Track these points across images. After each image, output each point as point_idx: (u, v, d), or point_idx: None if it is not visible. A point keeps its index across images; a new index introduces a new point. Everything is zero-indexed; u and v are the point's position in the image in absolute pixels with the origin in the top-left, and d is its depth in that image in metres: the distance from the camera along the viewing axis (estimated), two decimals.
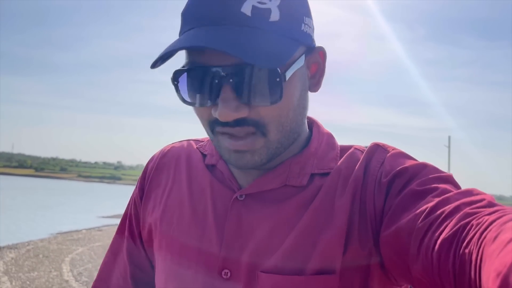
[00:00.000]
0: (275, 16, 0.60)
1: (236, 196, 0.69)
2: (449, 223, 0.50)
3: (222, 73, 0.59)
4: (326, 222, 0.64)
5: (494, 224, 0.45)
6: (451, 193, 0.55)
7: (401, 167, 0.64)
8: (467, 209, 0.51)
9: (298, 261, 0.63)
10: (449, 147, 19.97)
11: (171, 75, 0.65)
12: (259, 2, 0.60)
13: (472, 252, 0.45)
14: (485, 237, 0.44)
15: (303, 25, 0.64)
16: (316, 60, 0.69)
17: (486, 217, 0.47)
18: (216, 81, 0.60)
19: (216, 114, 0.61)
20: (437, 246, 0.50)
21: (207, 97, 0.62)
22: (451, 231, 0.49)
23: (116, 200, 44.32)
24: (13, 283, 7.69)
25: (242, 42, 0.57)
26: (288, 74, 0.62)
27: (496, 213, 0.47)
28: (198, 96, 0.63)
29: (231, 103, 0.60)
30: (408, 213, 0.57)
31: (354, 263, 0.63)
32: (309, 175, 0.69)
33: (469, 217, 0.49)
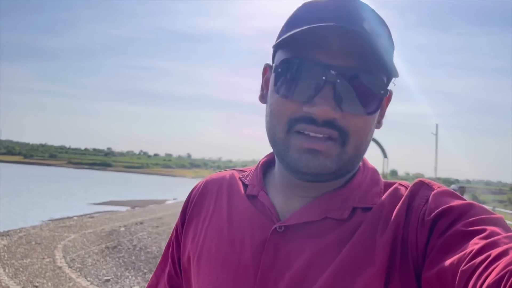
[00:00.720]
0: (384, 42, 0.65)
1: (275, 228, 0.68)
2: (496, 267, 0.48)
3: (332, 72, 0.61)
4: (366, 259, 0.63)
5: None
6: (499, 236, 0.53)
7: (446, 205, 0.61)
8: None
9: None
10: (436, 134, 20.22)
11: (274, 61, 0.67)
12: (373, 28, 0.64)
13: None
14: None
15: (394, 69, 0.66)
16: (383, 103, 0.71)
17: None
18: (323, 77, 0.61)
19: (311, 109, 0.62)
20: None
21: (306, 92, 0.63)
22: (497, 276, 0.47)
23: (107, 187, 44.20)
24: (6, 270, 7.76)
25: (366, 35, 0.61)
26: (386, 90, 0.65)
27: None
28: (296, 88, 0.63)
29: (330, 101, 0.61)
30: (452, 254, 0.54)
31: None
32: (351, 209, 0.68)
33: None
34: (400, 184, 0.71)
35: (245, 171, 0.82)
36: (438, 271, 0.55)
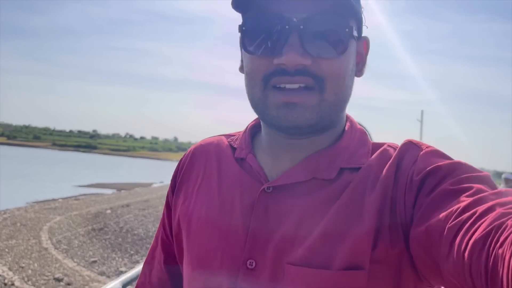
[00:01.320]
0: None
1: (264, 188, 0.69)
2: (483, 223, 0.49)
3: (294, 19, 0.62)
4: (355, 218, 0.63)
5: None
6: (485, 193, 0.54)
7: (434, 165, 0.62)
8: (501, 209, 0.49)
9: (326, 255, 0.62)
10: (421, 121, 20.42)
11: (240, 22, 0.68)
12: None
13: (505, 253, 0.43)
14: None
15: (360, 8, 0.68)
16: (360, 49, 0.72)
17: None
18: (287, 26, 0.62)
19: (280, 59, 0.62)
20: (469, 246, 0.48)
21: (273, 45, 0.64)
22: (484, 231, 0.47)
23: (92, 169, 43.84)
24: None
25: None
26: (353, 32, 0.66)
27: None
28: (263, 44, 0.65)
29: (298, 49, 0.62)
30: (439, 212, 0.55)
31: (384, 261, 0.62)
32: (338, 169, 0.68)
33: (504, 217, 0.47)
34: (389, 145, 0.71)
35: (233, 135, 0.82)
36: (426, 228, 0.56)
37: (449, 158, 0.65)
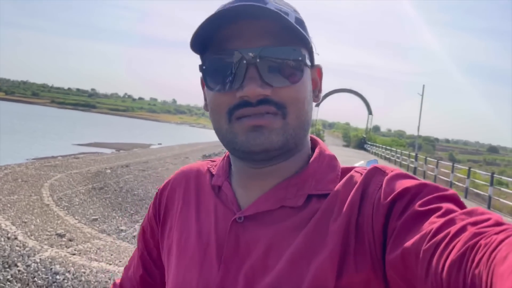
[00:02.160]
0: (292, 19, 0.69)
1: (235, 218, 0.71)
2: (456, 244, 0.50)
3: (250, 54, 0.66)
4: (319, 246, 0.65)
5: (503, 243, 0.45)
6: (455, 213, 0.55)
7: (401, 188, 0.63)
8: (473, 229, 0.50)
9: (293, 283, 0.64)
10: (422, 95, 20.37)
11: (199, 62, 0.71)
12: (279, 7, 0.69)
13: (482, 273, 0.44)
14: (494, 257, 0.44)
15: (310, 38, 0.72)
16: (314, 76, 0.76)
17: (495, 237, 0.47)
18: (244, 61, 0.66)
19: (242, 92, 0.66)
20: (446, 268, 0.49)
21: (233, 80, 0.67)
22: (459, 252, 0.48)
23: (91, 128, 43.81)
24: None
25: (273, 13, 0.65)
26: (306, 61, 0.70)
27: (504, 232, 0.48)
28: (224, 80, 0.68)
29: (257, 81, 0.66)
30: (412, 235, 0.56)
31: (349, 287, 0.63)
32: (305, 196, 0.70)
33: (477, 237, 0.49)
34: (356, 171, 0.73)
35: (214, 161, 0.85)
36: (401, 252, 0.56)
37: (415, 179, 0.65)
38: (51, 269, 5.30)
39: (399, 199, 0.62)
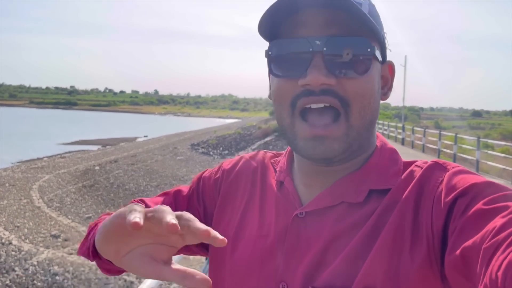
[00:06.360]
0: (365, 9, 0.67)
1: (297, 214, 0.72)
2: None
3: (317, 42, 0.65)
4: (374, 243, 0.65)
5: None
6: None
7: (465, 186, 0.61)
8: None
9: (347, 279, 0.64)
10: (405, 66, 20.45)
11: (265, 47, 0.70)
12: None
13: None
14: None
15: (383, 32, 0.70)
16: (385, 73, 0.74)
17: None
18: (310, 49, 0.65)
19: (305, 80, 0.65)
20: (503, 267, 0.47)
21: (298, 67, 0.66)
22: None
23: (74, 126, 43.21)
24: None
25: (344, 2, 0.63)
26: (376, 53, 0.67)
27: None
28: (289, 67, 0.68)
29: (322, 69, 0.64)
30: (474, 233, 0.54)
31: (406, 284, 0.62)
32: (367, 192, 0.69)
33: None
34: (416, 165, 0.71)
35: (277, 157, 0.85)
36: (462, 251, 0.55)
37: (477, 176, 0.64)
38: (50, 270, 5.25)
39: (462, 196, 0.60)
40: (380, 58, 0.70)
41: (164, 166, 14.47)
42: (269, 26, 0.69)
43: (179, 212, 0.53)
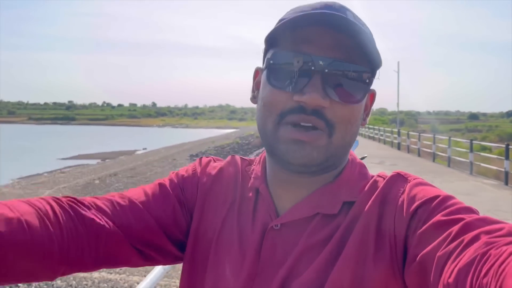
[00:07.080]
0: (370, 38, 0.68)
1: (272, 226, 0.72)
2: (468, 251, 0.51)
3: (320, 62, 0.65)
4: (339, 253, 0.67)
5: None
6: (471, 220, 0.56)
7: (425, 197, 0.64)
8: (486, 238, 0.51)
9: None
10: (398, 72, 20.61)
11: (267, 55, 0.71)
12: (361, 22, 0.69)
13: (490, 283, 0.45)
14: (504, 269, 0.45)
15: (381, 64, 0.71)
16: (367, 101, 0.75)
17: (505, 248, 0.48)
18: (312, 67, 0.65)
19: (301, 98, 0.65)
20: (454, 274, 0.50)
21: (296, 82, 0.66)
22: (468, 260, 0.49)
23: (73, 141, 43.21)
24: None
25: (352, 27, 0.64)
26: (371, 85, 0.69)
27: None
28: (287, 79, 0.67)
29: (319, 90, 0.65)
30: (431, 242, 0.57)
31: None
32: (341, 204, 0.71)
33: (488, 246, 0.50)
34: (379, 176, 0.74)
35: (251, 163, 0.84)
36: (419, 260, 0.58)
37: (436, 188, 0.67)
38: (53, 285, 5.32)
39: (422, 207, 0.63)
40: (371, 88, 0.71)
41: (163, 178, 14.36)
42: (275, 35, 0.69)
43: None
